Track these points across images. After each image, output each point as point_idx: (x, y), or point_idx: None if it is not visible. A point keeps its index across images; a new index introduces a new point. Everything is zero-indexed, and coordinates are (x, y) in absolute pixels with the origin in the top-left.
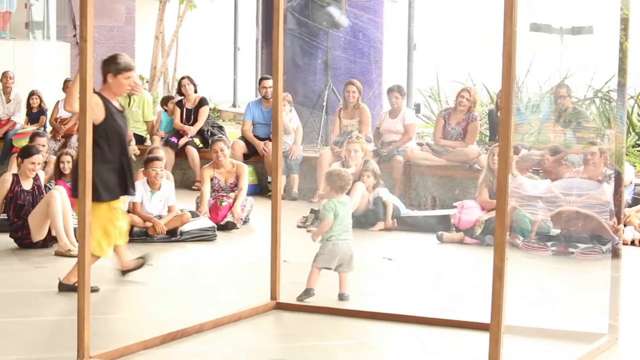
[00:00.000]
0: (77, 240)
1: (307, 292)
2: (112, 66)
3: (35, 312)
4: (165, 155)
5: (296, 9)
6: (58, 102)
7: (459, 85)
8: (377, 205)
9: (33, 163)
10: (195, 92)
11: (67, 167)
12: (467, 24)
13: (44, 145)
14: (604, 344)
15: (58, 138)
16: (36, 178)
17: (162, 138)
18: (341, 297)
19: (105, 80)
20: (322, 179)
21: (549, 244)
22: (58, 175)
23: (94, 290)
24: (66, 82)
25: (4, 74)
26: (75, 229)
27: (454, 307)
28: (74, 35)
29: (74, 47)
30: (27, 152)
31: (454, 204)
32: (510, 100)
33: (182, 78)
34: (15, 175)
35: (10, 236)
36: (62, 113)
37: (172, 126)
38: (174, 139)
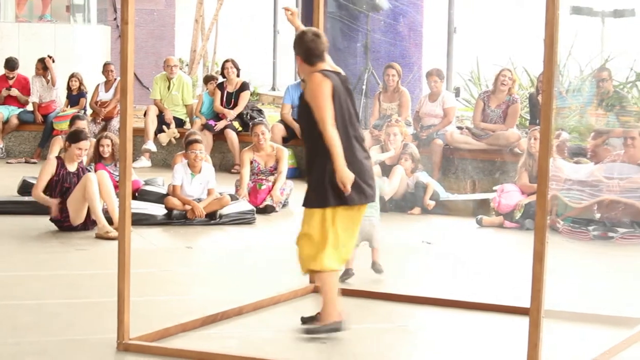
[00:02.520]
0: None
1: (347, 273)
2: None
3: (76, 294)
4: (203, 139)
5: None
6: (98, 85)
7: (499, 68)
8: (417, 188)
9: (80, 149)
10: (238, 76)
11: (106, 151)
12: (507, 7)
13: (84, 129)
14: None
15: (98, 121)
16: (80, 161)
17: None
18: (373, 266)
19: None
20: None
21: (590, 228)
22: (98, 158)
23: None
24: (106, 65)
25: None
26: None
27: (493, 292)
28: (115, 19)
29: (115, 30)
30: (75, 137)
31: (494, 188)
32: (552, 83)
33: (226, 61)
34: (59, 158)
35: (51, 220)
36: (102, 96)
37: (212, 108)
38: (212, 122)
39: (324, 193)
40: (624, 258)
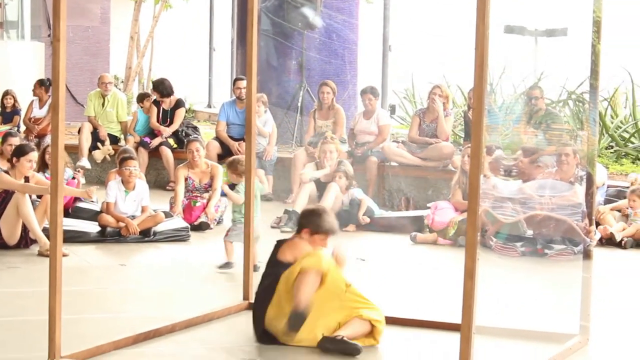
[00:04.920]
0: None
1: (228, 265)
2: None
3: (6, 312)
4: (138, 156)
5: (270, 10)
6: (32, 101)
7: (432, 85)
8: (352, 205)
9: (30, 160)
10: (172, 93)
11: None
12: (441, 26)
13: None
14: (575, 344)
15: (31, 138)
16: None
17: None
18: (255, 268)
19: None
20: (225, 166)
21: (518, 244)
22: (44, 167)
23: None
24: (38, 82)
25: None
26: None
27: (426, 308)
28: (49, 35)
29: (49, 47)
30: (22, 151)
31: (428, 205)
32: (483, 101)
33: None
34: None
35: None
36: (36, 112)
37: (148, 125)
38: (147, 139)
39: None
40: (556, 275)
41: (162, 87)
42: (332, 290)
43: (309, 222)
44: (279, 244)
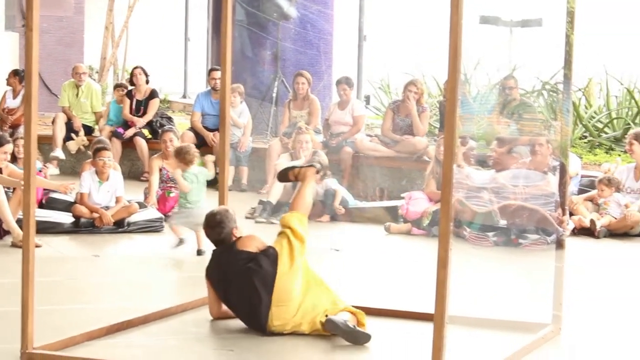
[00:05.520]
0: None
1: (180, 242)
2: None
3: None
4: (112, 147)
5: (245, 0)
6: (5, 92)
7: (408, 77)
8: (326, 196)
9: (5, 152)
10: (147, 83)
11: (22, 151)
12: (417, 16)
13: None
14: (547, 333)
15: (5, 128)
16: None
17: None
18: (199, 252)
19: None
20: (173, 154)
21: (490, 234)
22: (12, 159)
23: None
24: (12, 72)
25: None
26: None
27: (400, 298)
28: (23, 25)
29: (23, 37)
30: None
31: (402, 195)
32: (456, 91)
33: (135, 68)
34: None
35: None
36: (10, 103)
37: (120, 115)
38: (121, 130)
39: None
40: (529, 265)
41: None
42: (312, 279)
43: (231, 221)
44: (234, 241)
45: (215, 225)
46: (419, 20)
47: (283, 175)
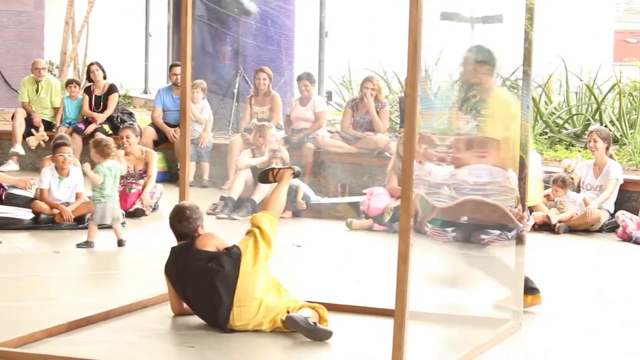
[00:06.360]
0: None
1: (87, 244)
2: None
3: None
4: (73, 143)
5: None
6: None
7: (369, 73)
8: (288, 192)
9: None
10: (105, 78)
11: None
12: (378, 12)
13: None
14: (508, 329)
15: None
16: None
17: (69, 124)
18: (120, 243)
19: None
20: (92, 144)
21: (449, 230)
22: None
23: None
24: None
25: None
26: None
27: (361, 294)
28: None
29: None
30: None
31: (364, 191)
32: (416, 87)
33: (91, 64)
34: None
35: None
36: None
37: (76, 112)
38: (81, 126)
39: None
40: (489, 260)
41: None
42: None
43: (199, 218)
44: (193, 240)
45: (183, 219)
46: (381, 16)
47: (264, 177)
